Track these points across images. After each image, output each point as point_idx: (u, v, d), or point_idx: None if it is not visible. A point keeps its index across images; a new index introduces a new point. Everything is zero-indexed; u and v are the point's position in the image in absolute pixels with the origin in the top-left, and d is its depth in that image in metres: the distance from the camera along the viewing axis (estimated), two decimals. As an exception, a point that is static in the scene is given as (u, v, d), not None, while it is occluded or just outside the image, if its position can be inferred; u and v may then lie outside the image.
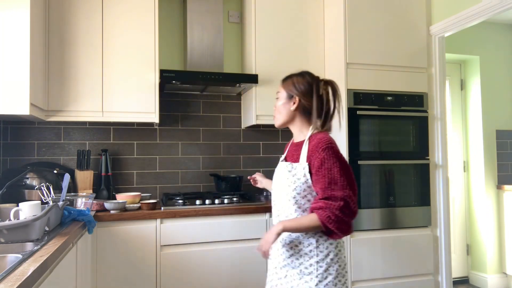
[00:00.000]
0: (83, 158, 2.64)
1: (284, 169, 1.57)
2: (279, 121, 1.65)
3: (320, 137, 1.50)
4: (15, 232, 1.45)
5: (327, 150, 1.45)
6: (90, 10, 2.51)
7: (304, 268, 1.50)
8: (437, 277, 2.81)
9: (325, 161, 1.44)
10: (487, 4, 2.43)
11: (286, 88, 1.61)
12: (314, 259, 1.50)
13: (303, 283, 1.49)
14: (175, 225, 2.34)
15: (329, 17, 2.92)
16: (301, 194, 1.50)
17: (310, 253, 1.50)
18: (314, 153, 1.47)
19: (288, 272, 1.54)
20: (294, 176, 1.51)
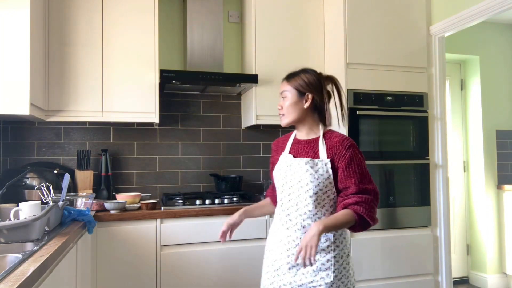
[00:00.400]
0: (83, 158, 2.64)
1: (304, 165, 1.52)
2: (288, 120, 1.60)
3: (341, 136, 1.55)
4: (15, 232, 1.45)
5: (353, 147, 1.52)
6: (90, 10, 2.51)
7: (321, 264, 1.49)
8: (437, 277, 2.82)
9: (354, 158, 1.50)
10: (487, 4, 2.43)
11: (295, 85, 1.58)
12: (331, 254, 1.50)
13: (319, 279, 1.48)
14: (175, 225, 2.34)
15: (329, 17, 2.92)
16: (323, 190, 1.51)
17: (328, 248, 1.50)
18: (339, 151, 1.51)
19: (299, 271, 1.51)
20: (317, 172, 1.50)
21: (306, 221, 1.52)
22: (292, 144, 1.66)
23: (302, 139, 1.63)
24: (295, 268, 1.52)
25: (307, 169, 1.51)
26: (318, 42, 2.97)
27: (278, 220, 1.62)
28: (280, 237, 1.59)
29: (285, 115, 1.60)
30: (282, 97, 1.61)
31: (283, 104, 1.60)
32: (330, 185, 1.52)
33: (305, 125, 1.61)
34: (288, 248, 1.54)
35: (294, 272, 1.52)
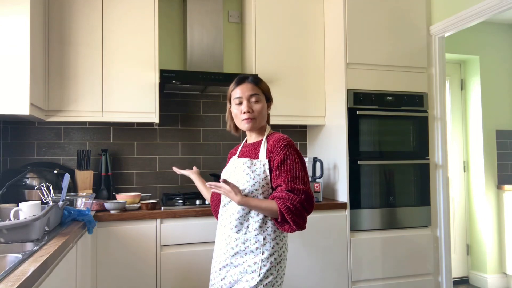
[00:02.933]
0: (83, 158, 2.64)
1: (242, 165, 1.55)
2: (259, 125, 1.61)
3: (279, 136, 1.57)
4: (15, 232, 1.45)
5: (288, 147, 1.51)
6: (90, 10, 2.51)
7: (248, 266, 1.48)
8: (437, 277, 2.82)
9: (287, 157, 1.49)
10: (487, 4, 2.43)
11: (265, 91, 1.64)
12: (259, 257, 1.48)
13: (244, 281, 1.47)
14: (175, 225, 2.34)
15: (329, 17, 2.92)
16: (258, 191, 1.50)
17: (256, 250, 1.48)
18: (275, 150, 1.51)
19: (228, 273, 1.53)
20: (253, 172, 1.51)
21: (238, 220, 1.52)
22: (241, 149, 1.71)
23: (249, 143, 1.68)
24: (224, 269, 1.54)
25: (244, 169, 1.53)
26: (318, 42, 2.97)
27: (220, 220, 1.65)
28: (219, 236, 1.62)
29: (256, 119, 1.59)
30: (255, 100, 1.59)
31: (253, 107, 1.58)
32: (266, 185, 1.51)
33: (260, 129, 1.65)
34: (221, 247, 1.57)
35: (224, 272, 1.54)
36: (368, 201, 2.68)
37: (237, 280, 1.49)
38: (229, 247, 1.53)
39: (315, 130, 3.11)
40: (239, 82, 1.62)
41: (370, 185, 2.70)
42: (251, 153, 1.61)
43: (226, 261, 1.54)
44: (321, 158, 2.89)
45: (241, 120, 1.60)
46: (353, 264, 2.61)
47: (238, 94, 1.59)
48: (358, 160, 2.66)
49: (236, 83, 1.63)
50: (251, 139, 1.68)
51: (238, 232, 1.52)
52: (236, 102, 1.60)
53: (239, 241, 1.51)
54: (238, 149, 1.73)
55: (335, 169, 2.77)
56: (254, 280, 1.45)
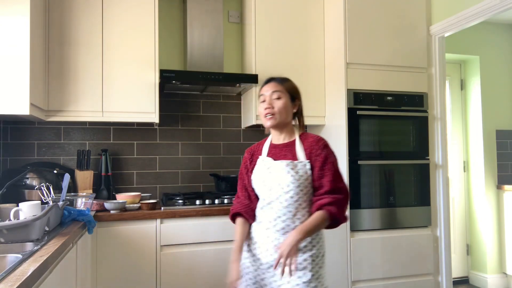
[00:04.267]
0: (83, 158, 2.64)
1: (285, 167, 1.56)
2: (278, 121, 1.61)
3: (315, 136, 1.62)
4: (15, 232, 1.45)
5: (327, 148, 1.59)
6: (90, 10, 2.51)
7: (298, 263, 1.51)
8: (437, 277, 2.81)
9: (328, 157, 1.56)
10: (487, 4, 2.43)
11: (290, 90, 1.65)
12: (308, 254, 1.53)
13: (296, 278, 1.50)
14: (175, 225, 2.34)
15: (329, 17, 2.92)
16: (303, 191, 1.54)
17: (305, 248, 1.53)
18: (315, 151, 1.57)
19: (278, 271, 1.53)
20: (297, 173, 1.54)
21: (285, 222, 1.55)
22: (269, 149, 1.69)
23: (279, 143, 1.67)
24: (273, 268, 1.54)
25: (288, 171, 1.55)
26: (318, 42, 2.97)
27: (258, 222, 1.64)
28: (259, 238, 1.61)
29: (275, 115, 1.60)
30: (276, 97, 1.61)
31: (274, 104, 1.60)
32: (309, 185, 1.56)
33: (287, 128, 1.66)
34: (267, 249, 1.57)
35: (272, 272, 1.55)
36: (368, 201, 2.68)
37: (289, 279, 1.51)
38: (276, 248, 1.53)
39: (315, 130, 3.11)
40: (266, 82, 1.68)
41: (370, 185, 2.70)
42: (287, 154, 1.61)
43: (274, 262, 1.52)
44: (321, 158, 2.89)
45: (262, 117, 1.64)
46: (353, 264, 2.60)
47: (262, 92, 1.66)
48: (358, 160, 2.66)
49: (263, 83, 1.69)
50: (280, 139, 1.67)
51: (285, 234, 1.54)
52: (260, 100, 1.65)
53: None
54: (263, 149, 1.70)
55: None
56: (307, 276, 1.51)
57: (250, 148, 1.79)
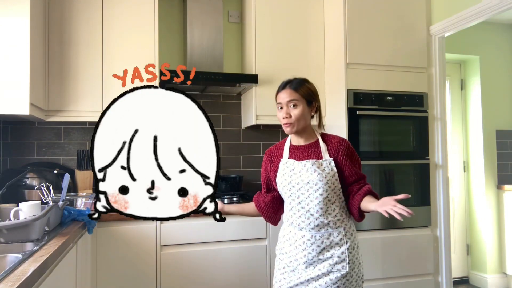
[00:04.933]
0: (83, 158, 2.64)
1: (311, 166, 1.61)
2: (295, 129, 1.64)
3: (337, 136, 1.71)
4: (15, 232, 1.45)
5: (350, 145, 1.69)
6: (90, 10, 2.51)
7: (337, 257, 1.57)
8: (437, 277, 2.81)
9: (353, 154, 1.68)
10: (487, 4, 2.43)
11: (305, 95, 1.65)
12: (344, 247, 1.59)
13: (335, 271, 1.56)
14: (175, 225, 2.34)
15: (329, 17, 2.92)
16: (331, 188, 1.60)
17: (341, 241, 1.59)
18: (341, 150, 1.65)
19: (316, 268, 1.58)
20: (324, 171, 1.60)
21: (319, 219, 1.59)
22: (289, 151, 1.71)
23: (300, 145, 1.70)
24: (311, 266, 1.59)
25: (315, 170, 1.60)
26: (318, 42, 2.97)
27: (290, 223, 1.67)
28: (294, 239, 1.64)
29: (293, 123, 1.63)
30: (292, 105, 1.63)
31: (292, 113, 1.62)
32: (336, 182, 1.61)
33: (306, 131, 1.69)
34: (304, 248, 1.60)
35: (311, 269, 1.59)
36: (368, 201, 2.67)
37: (327, 272, 1.57)
38: (314, 246, 1.59)
39: (315, 130, 3.11)
40: (281, 88, 1.68)
41: (370, 185, 2.69)
42: (311, 154, 1.66)
43: (313, 259, 1.58)
44: (321, 158, 2.89)
45: (282, 124, 1.68)
46: (354, 264, 2.60)
47: (279, 100, 1.68)
48: (358, 160, 2.65)
49: (278, 89, 1.69)
50: (300, 141, 1.70)
51: (319, 230, 1.59)
52: (278, 107, 1.68)
53: (324, 238, 1.59)
54: (284, 151, 1.73)
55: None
56: (345, 268, 1.56)
57: (269, 150, 1.81)
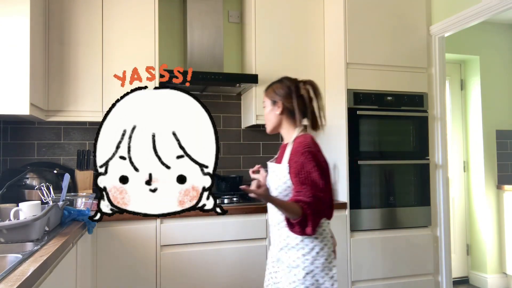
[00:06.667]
0: (83, 158, 2.64)
1: (270, 169, 1.70)
2: (269, 128, 1.73)
3: (300, 141, 1.58)
4: (15, 232, 1.45)
5: (306, 154, 1.52)
6: (90, 10, 2.51)
7: (292, 261, 1.58)
8: (437, 277, 2.81)
9: (304, 166, 1.51)
10: (487, 4, 2.43)
11: (269, 95, 1.72)
12: (300, 252, 1.57)
13: (292, 275, 1.57)
14: (175, 225, 2.34)
15: (329, 17, 2.92)
16: (282, 193, 1.60)
17: (297, 246, 1.58)
18: (294, 156, 1.55)
19: (280, 267, 1.64)
20: (277, 177, 1.62)
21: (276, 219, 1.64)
22: (280, 149, 1.78)
23: (284, 144, 1.76)
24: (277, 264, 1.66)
25: (272, 172, 1.66)
26: (318, 42, 2.97)
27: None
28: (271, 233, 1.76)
29: (266, 123, 1.75)
30: (263, 107, 1.76)
31: (264, 114, 1.75)
32: (288, 188, 1.58)
33: (284, 130, 1.72)
34: (272, 244, 1.70)
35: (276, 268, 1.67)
36: (368, 201, 2.68)
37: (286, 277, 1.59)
38: (276, 243, 1.66)
39: (315, 130, 3.11)
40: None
41: (370, 185, 2.70)
42: (281, 156, 1.70)
43: (277, 255, 1.65)
44: (321, 158, 2.89)
45: None
46: (353, 264, 2.60)
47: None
48: (358, 160, 2.66)
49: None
50: (285, 140, 1.74)
51: (279, 229, 1.63)
52: None
53: (282, 238, 1.62)
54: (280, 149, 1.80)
55: (335, 169, 2.77)
56: (300, 274, 1.56)
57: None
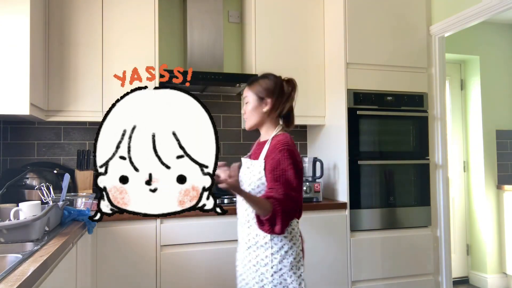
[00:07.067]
0: (83, 158, 2.64)
1: (244, 165, 1.67)
2: (250, 124, 1.68)
3: (280, 139, 1.58)
4: (15, 232, 1.45)
5: (284, 151, 1.52)
6: (90, 10, 2.51)
7: (260, 259, 1.57)
8: (437, 277, 2.81)
9: (281, 163, 1.51)
10: (487, 4, 2.43)
11: (254, 90, 1.64)
12: (269, 251, 1.56)
13: (259, 274, 1.57)
14: (175, 225, 2.34)
15: (329, 17, 2.92)
16: (255, 190, 1.58)
17: (266, 245, 1.57)
18: (271, 153, 1.56)
19: (246, 266, 1.63)
20: (251, 173, 1.61)
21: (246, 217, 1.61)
22: (254, 146, 1.77)
23: (260, 142, 1.74)
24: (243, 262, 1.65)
25: (247, 168, 1.64)
26: (318, 42, 2.97)
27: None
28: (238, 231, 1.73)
29: (246, 119, 1.68)
30: (245, 102, 1.67)
31: (246, 109, 1.67)
32: (262, 185, 1.57)
33: (264, 128, 1.69)
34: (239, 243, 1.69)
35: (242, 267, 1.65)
36: (368, 201, 2.67)
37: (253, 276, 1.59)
38: (243, 242, 1.64)
39: (315, 130, 3.11)
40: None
41: (370, 185, 2.70)
42: (257, 152, 1.68)
43: (244, 253, 1.64)
44: (321, 158, 2.89)
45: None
46: (353, 264, 2.60)
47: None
48: (358, 160, 2.66)
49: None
50: (262, 137, 1.74)
51: (249, 227, 1.60)
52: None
53: (251, 236, 1.60)
54: (253, 147, 1.80)
55: (335, 169, 2.77)
56: (268, 273, 1.55)
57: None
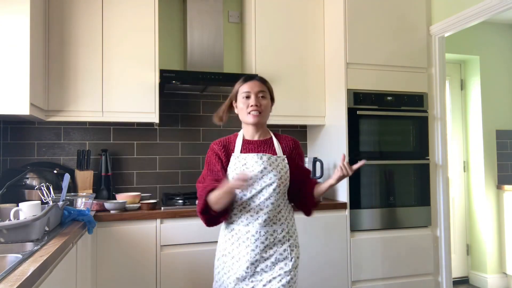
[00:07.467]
0: (83, 158, 2.64)
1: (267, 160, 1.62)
2: (264, 119, 1.71)
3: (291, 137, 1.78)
4: (15, 232, 1.45)
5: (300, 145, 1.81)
6: (90, 10, 2.51)
7: (279, 254, 1.58)
8: (437, 277, 2.81)
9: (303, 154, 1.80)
10: (487, 4, 2.43)
11: (270, 91, 1.75)
12: (286, 244, 1.60)
13: (278, 269, 1.56)
14: (175, 225, 2.34)
15: (329, 17, 2.92)
16: (284, 183, 1.63)
17: (283, 238, 1.61)
18: (295, 150, 1.74)
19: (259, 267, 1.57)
20: (278, 167, 1.64)
21: (267, 214, 1.59)
22: (242, 145, 1.70)
23: (254, 140, 1.71)
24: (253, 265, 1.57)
25: (270, 164, 1.61)
26: (318, 42, 2.97)
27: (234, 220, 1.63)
28: (238, 236, 1.61)
29: (262, 113, 1.67)
30: (262, 96, 1.68)
31: (262, 103, 1.67)
32: (288, 179, 1.66)
33: (264, 126, 1.74)
34: (248, 245, 1.58)
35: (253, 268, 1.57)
36: (368, 201, 2.68)
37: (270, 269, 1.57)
38: (258, 242, 1.57)
39: (315, 130, 3.11)
40: (248, 79, 1.72)
41: (370, 185, 2.70)
42: (266, 149, 1.68)
43: (255, 257, 1.57)
44: (321, 158, 2.89)
45: (247, 113, 1.67)
46: (353, 264, 2.60)
47: (246, 89, 1.68)
48: (358, 160, 2.65)
49: (244, 80, 1.73)
50: (255, 136, 1.72)
51: (265, 226, 1.59)
52: (243, 96, 1.68)
53: (268, 234, 1.59)
54: (236, 145, 1.70)
55: (335, 168, 2.76)
56: (287, 266, 1.57)
57: (220, 142, 1.73)
